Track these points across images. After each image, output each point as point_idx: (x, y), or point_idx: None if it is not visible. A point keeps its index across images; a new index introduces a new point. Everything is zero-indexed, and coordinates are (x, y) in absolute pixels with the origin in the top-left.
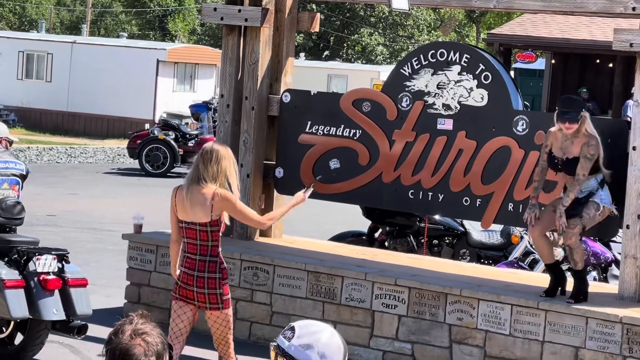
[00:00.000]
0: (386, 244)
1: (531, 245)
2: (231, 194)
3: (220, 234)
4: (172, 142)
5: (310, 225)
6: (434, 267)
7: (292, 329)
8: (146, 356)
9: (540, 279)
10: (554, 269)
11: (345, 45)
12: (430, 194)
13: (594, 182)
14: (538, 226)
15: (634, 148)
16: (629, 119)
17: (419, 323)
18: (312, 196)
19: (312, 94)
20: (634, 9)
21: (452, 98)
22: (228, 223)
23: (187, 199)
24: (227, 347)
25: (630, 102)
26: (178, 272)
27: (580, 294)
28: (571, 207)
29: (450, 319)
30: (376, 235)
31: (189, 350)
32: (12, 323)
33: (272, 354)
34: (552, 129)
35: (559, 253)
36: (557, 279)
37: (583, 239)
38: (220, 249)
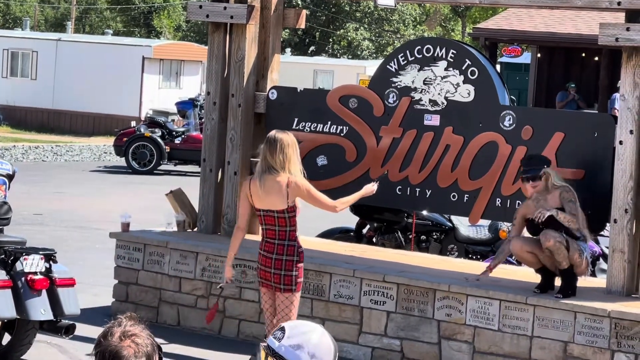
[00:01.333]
0: (374, 240)
1: None
2: (304, 182)
3: (297, 219)
4: (159, 140)
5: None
6: (422, 263)
7: (282, 329)
8: (136, 357)
9: (529, 274)
10: (541, 272)
11: (331, 40)
12: (417, 189)
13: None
14: (519, 241)
15: (620, 142)
16: (615, 112)
17: (407, 319)
18: None
19: (298, 90)
20: (619, 3)
21: (439, 94)
22: (300, 207)
23: (262, 189)
24: None
25: (616, 95)
26: (231, 271)
27: (569, 289)
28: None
29: (439, 315)
30: (364, 231)
31: (178, 349)
32: (0, 323)
33: (262, 354)
34: (523, 204)
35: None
36: (547, 278)
37: None
38: (297, 232)
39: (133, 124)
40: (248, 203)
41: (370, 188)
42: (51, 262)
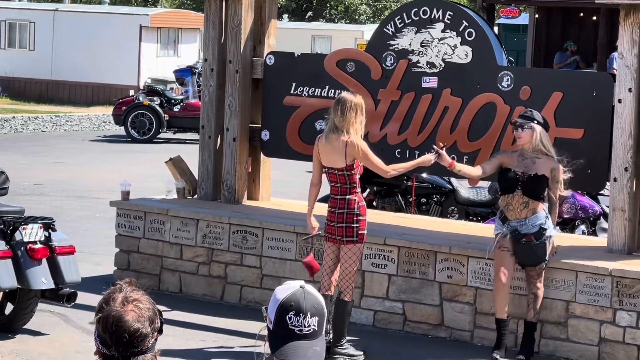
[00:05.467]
0: (374, 203)
1: None
2: (362, 143)
3: (358, 176)
4: (158, 108)
5: (295, 187)
6: (423, 226)
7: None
8: (139, 322)
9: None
10: (502, 325)
11: (328, 5)
12: (417, 152)
13: (543, 215)
14: (507, 276)
15: (619, 101)
16: (614, 71)
17: (409, 282)
18: (298, 157)
19: (296, 55)
20: None
21: (436, 56)
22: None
23: (326, 147)
24: (351, 282)
25: (615, 54)
26: (314, 221)
27: (533, 349)
28: (528, 250)
29: (440, 277)
30: (364, 195)
31: (181, 316)
32: (2, 293)
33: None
34: (506, 152)
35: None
36: (501, 336)
37: (572, 192)
38: (359, 189)
39: (132, 92)
40: (318, 159)
41: (428, 157)
42: (50, 231)
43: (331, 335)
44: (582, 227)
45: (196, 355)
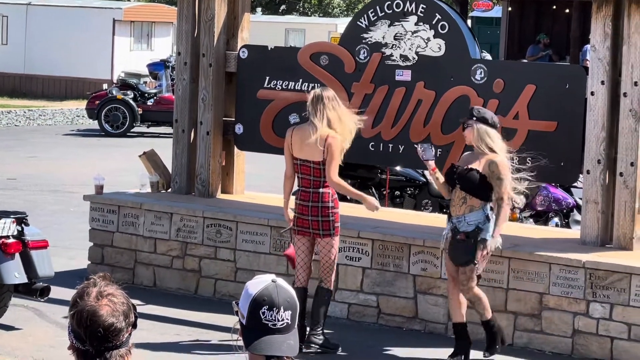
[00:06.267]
0: (348, 197)
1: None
2: (338, 143)
3: None
4: (131, 102)
5: (269, 180)
6: (397, 219)
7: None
8: (113, 316)
9: (504, 227)
10: (461, 331)
11: None
12: (390, 145)
13: (482, 214)
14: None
15: (592, 93)
16: (587, 64)
17: (383, 275)
18: (272, 151)
19: (269, 49)
20: None
21: (410, 49)
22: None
23: (302, 139)
24: (331, 272)
25: (587, 47)
26: (291, 213)
27: (495, 344)
28: (458, 248)
29: (415, 270)
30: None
31: (155, 310)
32: None
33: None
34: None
35: (521, 200)
36: (462, 343)
37: (544, 185)
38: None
39: (105, 86)
40: (290, 152)
41: (374, 205)
42: (23, 225)
43: (319, 329)
44: (556, 219)
45: (171, 349)
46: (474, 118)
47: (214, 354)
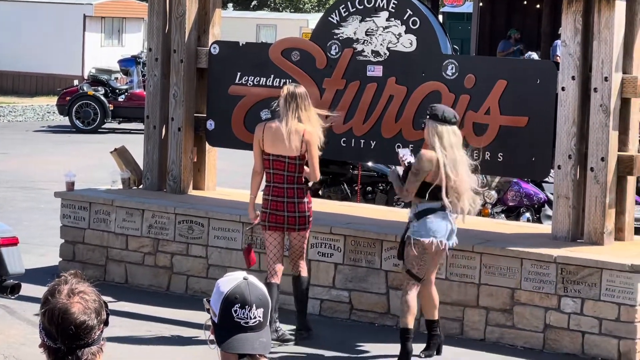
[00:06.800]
0: (320, 192)
1: None
2: (316, 138)
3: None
4: (102, 98)
5: (241, 177)
6: (369, 214)
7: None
8: (85, 314)
9: (475, 222)
10: (430, 327)
11: None
12: (362, 141)
13: (411, 214)
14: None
15: (562, 88)
16: (557, 59)
17: (355, 270)
18: (243, 147)
19: (240, 44)
20: None
21: (381, 44)
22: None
23: (275, 135)
24: (303, 258)
25: (558, 42)
26: (258, 211)
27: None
28: (401, 247)
29: (387, 265)
30: (310, 184)
31: (127, 307)
32: None
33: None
34: None
35: (492, 196)
36: (434, 339)
37: (516, 180)
38: (304, 177)
39: (76, 82)
40: (260, 148)
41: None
42: None
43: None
44: (527, 214)
45: (143, 345)
46: (427, 116)
47: (186, 350)
